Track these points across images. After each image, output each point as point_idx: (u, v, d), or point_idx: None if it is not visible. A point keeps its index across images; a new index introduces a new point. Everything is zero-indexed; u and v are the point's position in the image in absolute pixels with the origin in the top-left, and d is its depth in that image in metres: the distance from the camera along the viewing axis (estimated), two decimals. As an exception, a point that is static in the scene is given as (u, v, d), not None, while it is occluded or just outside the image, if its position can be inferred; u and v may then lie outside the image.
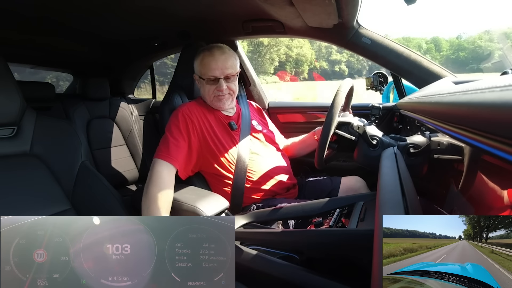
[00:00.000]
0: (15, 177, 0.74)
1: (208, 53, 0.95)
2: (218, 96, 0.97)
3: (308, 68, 41.89)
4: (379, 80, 1.23)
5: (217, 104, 0.98)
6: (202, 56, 0.96)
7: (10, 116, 0.74)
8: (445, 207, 0.58)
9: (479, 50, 45.14)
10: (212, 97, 0.97)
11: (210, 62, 0.94)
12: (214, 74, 0.94)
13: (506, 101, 0.16)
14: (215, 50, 0.95)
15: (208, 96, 0.98)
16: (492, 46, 42.52)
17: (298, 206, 0.73)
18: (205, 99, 1.00)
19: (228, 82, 0.96)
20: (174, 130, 0.90)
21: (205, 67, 0.95)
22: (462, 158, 0.54)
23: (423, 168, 0.72)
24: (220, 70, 0.94)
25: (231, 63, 0.96)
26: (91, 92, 1.71)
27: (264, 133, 1.08)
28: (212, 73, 0.94)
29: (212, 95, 0.97)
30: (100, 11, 1.09)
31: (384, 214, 0.31)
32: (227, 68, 0.95)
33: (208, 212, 0.77)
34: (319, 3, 0.82)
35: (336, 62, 46.23)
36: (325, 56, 46.54)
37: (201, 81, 0.98)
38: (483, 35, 42.14)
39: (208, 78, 0.95)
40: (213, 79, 0.95)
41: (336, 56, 45.85)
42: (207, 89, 0.97)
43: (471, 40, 48.71)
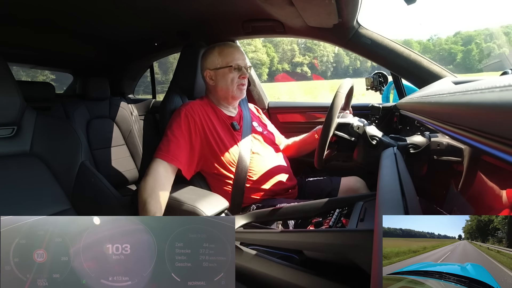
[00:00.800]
0: (15, 177, 0.74)
1: (227, 45, 1.00)
2: (242, 84, 1.00)
3: (269, 71, 43.88)
4: (379, 80, 1.23)
5: (238, 94, 1.00)
6: (220, 48, 0.99)
7: (10, 116, 0.74)
8: (445, 207, 0.58)
9: (442, 53, 46.81)
10: (236, 86, 0.99)
11: (233, 52, 0.98)
12: (238, 62, 0.98)
13: (506, 101, 0.16)
14: (230, 44, 1.01)
15: (232, 85, 0.99)
16: (455, 49, 44.61)
17: (298, 206, 0.73)
18: (227, 89, 0.99)
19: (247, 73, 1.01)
20: (175, 129, 0.90)
21: (229, 56, 0.98)
22: (462, 158, 0.54)
23: (423, 168, 0.72)
24: (242, 59, 0.99)
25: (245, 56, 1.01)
26: (91, 92, 1.71)
27: (264, 135, 1.08)
28: (237, 62, 0.98)
29: (236, 84, 0.99)
30: (100, 12, 1.09)
31: (384, 214, 0.31)
32: (246, 60, 1.00)
33: (208, 212, 0.77)
34: (319, 3, 0.82)
35: (299, 64, 49.15)
36: (289, 58, 49.28)
37: (223, 71, 0.98)
38: (451, 38, 43.38)
39: (233, 66, 0.97)
40: (237, 67, 0.98)
41: (299, 58, 48.79)
42: (230, 78, 0.98)
43: (438, 43, 50.26)
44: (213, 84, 1.01)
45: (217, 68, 0.98)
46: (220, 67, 0.98)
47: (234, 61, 0.97)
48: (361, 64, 47.54)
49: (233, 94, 1.00)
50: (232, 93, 0.99)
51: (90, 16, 1.12)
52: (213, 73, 0.99)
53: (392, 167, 0.54)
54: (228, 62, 0.97)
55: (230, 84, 0.98)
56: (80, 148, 0.85)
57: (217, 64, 0.99)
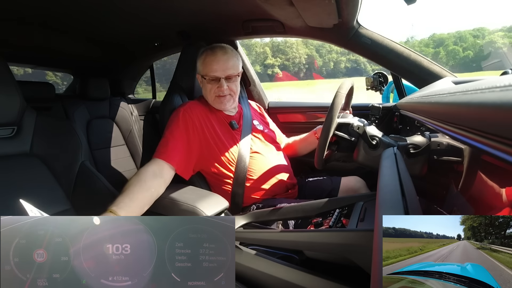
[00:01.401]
0: (15, 177, 0.74)
1: (211, 53, 0.95)
2: (219, 96, 0.96)
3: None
4: (379, 80, 1.23)
5: (218, 105, 0.98)
6: (204, 55, 0.96)
7: (10, 116, 0.74)
8: (445, 207, 0.58)
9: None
10: (213, 97, 0.97)
11: (212, 62, 0.94)
12: (215, 74, 0.94)
13: (506, 101, 0.16)
14: (217, 50, 0.96)
15: (210, 96, 0.98)
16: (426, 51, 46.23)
17: (298, 206, 0.73)
18: (207, 98, 1.00)
19: (229, 82, 0.96)
20: (174, 129, 0.90)
21: (207, 67, 0.95)
22: (462, 158, 0.54)
23: (423, 168, 0.72)
24: (221, 70, 0.94)
25: (232, 64, 0.95)
26: (91, 92, 1.71)
27: (265, 133, 1.08)
28: (214, 73, 0.94)
29: (213, 95, 0.97)
30: (100, 12, 1.09)
31: (384, 214, 0.31)
32: (229, 69, 0.95)
33: (208, 212, 0.77)
34: (319, 3, 0.82)
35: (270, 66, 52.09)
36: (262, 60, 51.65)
37: (203, 80, 0.98)
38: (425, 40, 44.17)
39: (210, 78, 0.95)
40: (214, 78, 0.95)
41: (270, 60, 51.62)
42: (208, 89, 0.97)
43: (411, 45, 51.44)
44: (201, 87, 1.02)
45: (200, 75, 0.99)
46: (202, 75, 0.98)
47: (210, 73, 0.94)
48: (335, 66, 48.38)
49: (213, 104, 0.99)
50: (212, 103, 0.99)
51: (90, 16, 1.12)
52: (200, 78, 1.00)
53: (392, 167, 0.54)
54: (207, 72, 0.95)
55: (208, 94, 0.98)
56: (80, 148, 0.85)
57: (200, 70, 0.99)
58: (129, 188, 0.72)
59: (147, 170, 0.79)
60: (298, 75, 50.25)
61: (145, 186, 0.74)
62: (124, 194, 0.70)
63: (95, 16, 1.13)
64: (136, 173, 0.78)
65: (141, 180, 0.75)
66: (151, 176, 0.78)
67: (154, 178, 0.78)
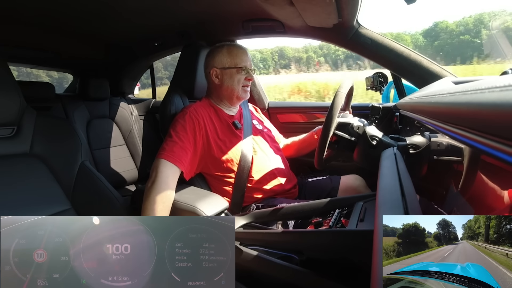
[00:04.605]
0: (15, 177, 0.74)
1: (233, 47, 1.01)
2: (247, 86, 1.01)
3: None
4: (379, 80, 1.23)
5: (243, 95, 1.02)
6: (229, 48, 1.00)
7: (10, 116, 0.74)
8: (445, 207, 0.58)
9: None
10: (241, 87, 1.00)
11: (239, 53, 0.99)
12: (245, 64, 0.99)
13: (506, 101, 0.16)
14: (236, 45, 1.02)
15: (238, 86, 1.00)
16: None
17: (298, 206, 0.73)
18: (233, 89, 1.00)
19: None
20: (180, 131, 0.89)
21: (237, 57, 0.98)
22: (462, 158, 0.54)
23: (423, 168, 0.72)
24: (249, 60, 1.00)
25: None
26: (91, 92, 1.71)
27: (264, 133, 1.09)
28: (244, 63, 0.99)
29: (241, 85, 1.00)
30: (100, 12, 1.09)
31: (384, 214, 0.31)
32: (251, 62, 1.01)
33: (208, 212, 0.77)
34: (319, 3, 0.82)
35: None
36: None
37: (231, 71, 0.99)
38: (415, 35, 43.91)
39: (242, 68, 0.98)
40: (245, 69, 0.99)
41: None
42: (237, 79, 0.99)
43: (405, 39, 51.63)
44: (218, 83, 1.00)
45: (225, 68, 0.99)
46: (228, 67, 0.99)
47: (242, 63, 0.98)
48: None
49: (238, 95, 1.01)
50: (237, 94, 1.00)
51: (90, 16, 1.12)
52: (220, 72, 1.00)
53: (392, 167, 0.54)
54: (237, 63, 0.98)
55: (237, 85, 0.99)
56: (80, 148, 0.85)
57: (225, 63, 0.99)
58: (165, 198, 0.77)
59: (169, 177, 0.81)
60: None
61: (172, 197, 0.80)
62: (162, 207, 0.76)
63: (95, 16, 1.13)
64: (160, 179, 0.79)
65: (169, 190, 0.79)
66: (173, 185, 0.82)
67: (174, 185, 0.82)
